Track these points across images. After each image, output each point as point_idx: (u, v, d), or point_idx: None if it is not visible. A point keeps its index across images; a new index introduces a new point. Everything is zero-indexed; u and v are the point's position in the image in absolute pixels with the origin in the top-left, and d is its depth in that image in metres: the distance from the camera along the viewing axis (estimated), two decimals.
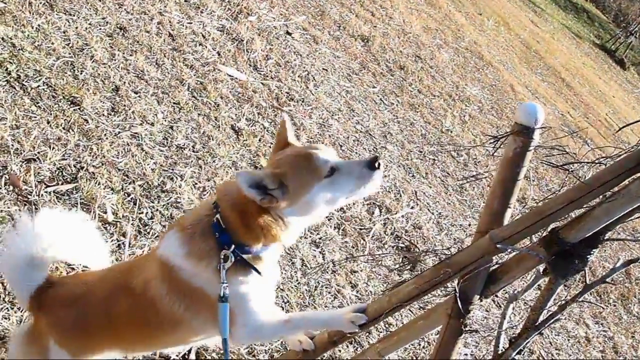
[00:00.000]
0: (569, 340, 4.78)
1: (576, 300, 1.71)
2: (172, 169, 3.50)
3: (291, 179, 1.79)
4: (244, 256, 1.83)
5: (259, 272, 1.85)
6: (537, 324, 1.76)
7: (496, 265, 1.88)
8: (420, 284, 1.91)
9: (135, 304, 1.90)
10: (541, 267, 1.79)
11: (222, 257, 1.78)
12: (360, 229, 4.17)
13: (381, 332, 3.47)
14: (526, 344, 1.79)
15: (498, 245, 1.74)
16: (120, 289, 1.95)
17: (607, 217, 1.59)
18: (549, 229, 1.73)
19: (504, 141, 1.80)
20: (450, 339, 1.92)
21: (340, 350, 3.20)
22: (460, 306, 1.86)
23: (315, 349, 2.16)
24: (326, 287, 3.52)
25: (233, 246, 1.79)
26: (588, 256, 1.67)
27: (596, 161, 1.62)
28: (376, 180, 1.88)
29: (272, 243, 1.85)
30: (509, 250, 1.75)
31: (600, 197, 1.59)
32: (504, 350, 1.84)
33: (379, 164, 1.87)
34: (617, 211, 1.56)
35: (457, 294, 1.87)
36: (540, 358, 4.35)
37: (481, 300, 1.92)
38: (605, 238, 1.64)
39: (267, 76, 5.17)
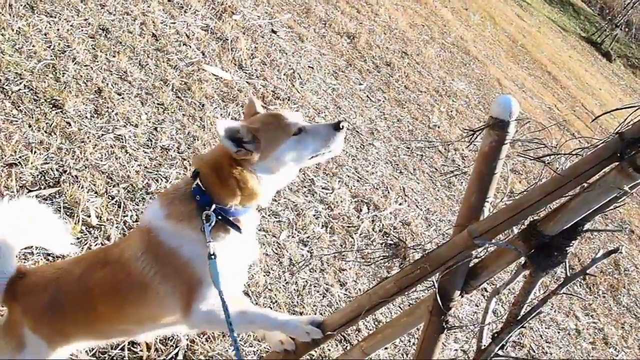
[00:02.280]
0: (559, 332, 4.79)
1: (557, 293, 1.71)
2: (157, 171, 3.47)
3: (263, 135, 1.90)
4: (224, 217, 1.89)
5: (239, 230, 1.92)
6: (519, 318, 1.76)
7: (476, 260, 1.87)
8: (399, 281, 1.90)
9: (110, 270, 1.92)
10: (522, 261, 1.78)
11: (204, 217, 1.85)
12: (348, 227, 4.15)
13: (370, 329, 3.45)
14: (509, 338, 1.78)
15: (475, 241, 1.73)
16: (96, 263, 1.97)
17: (584, 208, 1.58)
18: (527, 222, 1.72)
19: (479, 134, 1.79)
20: (432, 335, 1.91)
21: (329, 349, 3.19)
22: (440, 303, 1.85)
23: (297, 349, 2.14)
24: (315, 286, 3.51)
25: (214, 206, 1.86)
26: (567, 248, 1.66)
27: (573, 152, 1.61)
28: (339, 141, 2.01)
29: (249, 200, 1.92)
30: (487, 245, 1.74)
31: (578, 188, 1.58)
32: (486, 345, 1.83)
33: (342, 126, 1.99)
34: (594, 202, 1.56)
35: (437, 290, 1.86)
36: (531, 351, 4.36)
37: (462, 296, 1.91)
38: (584, 229, 1.63)
39: (253, 75, 5.14)
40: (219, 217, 1.87)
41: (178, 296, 1.89)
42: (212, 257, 1.82)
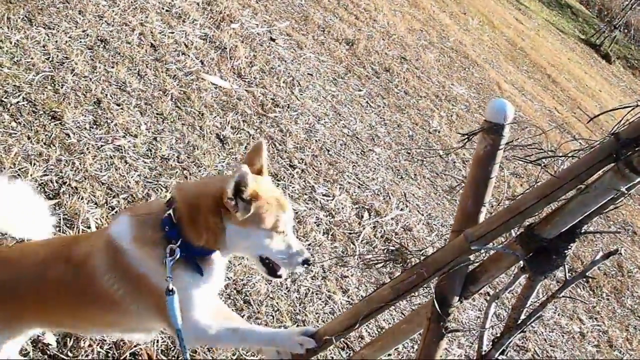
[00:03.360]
0: (563, 336, 4.77)
1: (557, 297, 1.70)
2: (157, 181, 3.47)
3: (259, 208, 1.87)
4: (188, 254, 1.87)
5: (201, 273, 1.90)
6: (519, 322, 1.74)
7: (473, 266, 1.86)
8: (396, 287, 1.89)
9: (72, 273, 1.91)
10: (521, 265, 1.77)
11: (169, 250, 1.83)
12: (350, 234, 4.15)
13: (373, 336, 3.44)
14: (509, 343, 1.77)
15: (472, 246, 1.72)
16: (59, 255, 1.96)
17: (582, 211, 1.57)
18: (524, 225, 1.71)
19: (472, 138, 1.78)
20: (431, 342, 1.90)
21: (332, 357, 3.18)
22: (439, 309, 1.83)
23: (295, 359, 2.13)
24: (317, 294, 3.50)
25: (180, 240, 1.84)
26: (566, 251, 1.65)
27: (569, 154, 1.60)
28: (294, 269, 2.01)
29: (211, 248, 1.91)
30: (484, 249, 1.73)
31: (575, 190, 1.58)
32: (487, 350, 1.82)
33: (308, 264, 2.00)
34: (591, 204, 1.55)
35: (434, 296, 1.84)
36: (535, 355, 4.34)
37: (461, 302, 1.90)
38: (582, 232, 1.62)
39: (252, 83, 5.15)
40: (183, 254, 1.85)
41: (157, 312, 1.90)
42: (171, 293, 1.81)
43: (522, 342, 4.33)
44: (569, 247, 1.68)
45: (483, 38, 12.34)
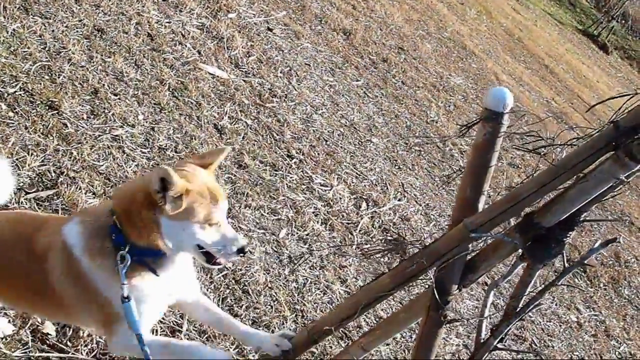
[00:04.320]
0: (560, 325, 4.79)
1: (555, 285, 1.70)
2: None
3: (191, 202, 1.88)
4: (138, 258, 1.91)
5: (155, 272, 1.94)
6: (518, 310, 1.75)
7: (472, 254, 1.87)
8: (395, 276, 1.89)
9: (33, 264, 1.94)
10: (520, 253, 1.77)
11: (119, 257, 1.86)
12: (348, 224, 4.15)
13: (372, 326, 3.45)
14: (507, 331, 1.78)
15: (472, 235, 1.72)
16: (24, 239, 1.99)
17: (581, 199, 1.57)
18: (524, 214, 1.71)
19: (471, 127, 1.78)
20: (430, 330, 1.91)
21: (331, 347, 3.18)
22: (438, 297, 1.84)
23: (296, 348, 2.14)
24: (315, 284, 3.50)
25: (128, 246, 1.87)
26: (564, 239, 1.65)
27: (568, 142, 1.60)
28: (230, 258, 2.03)
29: (154, 246, 1.91)
30: (483, 237, 1.73)
31: (574, 178, 1.58)
32: (485, 338, 1.83)
33: (245, 252, 2.01)
34: (590, 192, 1.55)
35: (434, 285, 1.85)
36: (533, 345, 4.36)
37: (460, 290, 1.90)
38: (581, 220, 1.63)
39: (249, 73, 5.13)
40: (134, 258, 1.88)
41: (98, 320, 1.97)
42: (126, 300, 1.84)
43: (520, 332, 4.35)
44: (568, 235, 1.69)
45: (481, 28, 12.31)
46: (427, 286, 2.12)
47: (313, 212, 4.01)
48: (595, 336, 5.00)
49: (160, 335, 2.63)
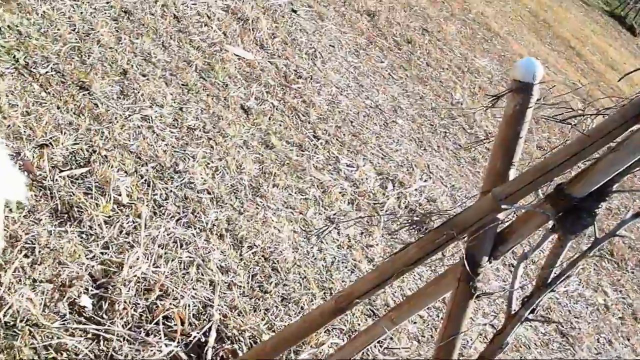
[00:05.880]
0: (587, 308, 4.77)
1: (587, 256, 1.69)
2: (184, 150, 3.50)
3: None
4: None
5: None
6: (549, 281, 1.74)
7: (502, 225, 1.86)
8: (423, 246, 1.89)
9: None
10: (549, 225, 1.77)
11: None
12: (374, 204, 4.16)
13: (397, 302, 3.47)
14: (539, 302, 1.78)
15: (502, 205, 1.71)
16: None
17: (612, 169, 1.56)
18: (554, 185, 1.70)
19: (500, 97, 1.77)
20: (461, 302, 1.91)
21: (359, 324, 3.21)
22: (468, 268, 1.84)
23: (322, 315, 2.15)
24: (342, 262, 3.52)
25: None
26: (596, 210, 1.64)
27: (599, 112, 1.59)
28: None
29: None
30: (513, 208, 1.72)
31: (605, 148, 1.56)
32: (516, 310, 1.83)
33: None
34: (622, 162, 1.53)
35: (465, 257, 1.85)
36: (559, 326, 4.35)
37: (490, 262, 1.90)
38: (613, 190, 1.61)
39: (274, 54, 5.14)
40: None
41: None
42: None
43: (547, 313, 4.33)
44: (600, 206, 1.68)
45: (505, 10, 12.15)
46: (455, 261, 2.12)
47: (340, 192, 4.02)
48: (623, 319, 4.97)
49: None
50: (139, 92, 3.71)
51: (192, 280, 2.81)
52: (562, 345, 4.20)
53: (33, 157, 2.88)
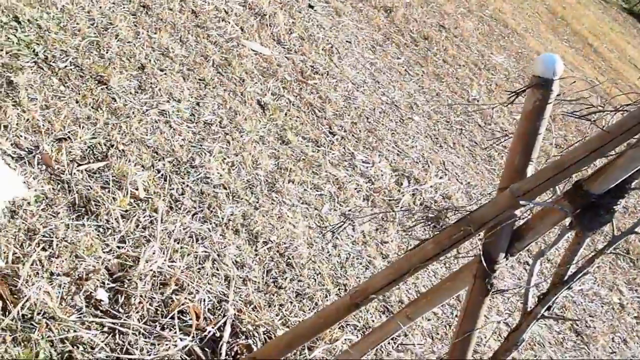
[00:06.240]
0: (602, 306, 4.74)
1: (605, 253, 1.68)
2: (201, 145, 3.52)
3: None
4: None
5: None
6: (566, 279, 1.74)
7: (520, 222, 1.85)
8: (440, 242, 1.89)
9: None
10: (567, 222, 1.76)
11: None
12: (390, 200, 4.15)
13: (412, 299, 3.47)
14: (555, 299, 1.77)
15: (520, 201, 1.71)
16: None
17: (632, 165, 1.55)
18: (572, 181, 1.69)
19: (520, 94, 1.76)
20: (477, 298, 1.91)
21: (373, 320, 3.21)
22: (485, 265, 1.83)
23: (338, 311, 2.16)
24: (357, 258, 3.53)
25: None
26: (614, 207, 1.63)
27: (619, 109, 1.58)
28: None
29: None
30: (532, 204, 1.72)
31: (625, 145, 1.55)
32: (532, 307, 1.82)
33: None
34: None
35: (482, 253, 1.84)
36: (574, 325, 4.32)
37: (507, 259, 1.89)
38: (632, 187, 1.60)
39: (291, 50, 5.14)
40: None
41: None
42: None
43: (562, 312, 4.31)
44: (618, 202, 1.67)
45: (523, 6, 12.06)
46: (470, 259, 2.12)
47: (355, 188, 4.03)
48: (638, 318, 4.94)
49: None
50: (156, 87, 3.73)
51: (207, 275, 2.83)
52: (576, 344, 4.18)
53: (51, 150, 2.91)
